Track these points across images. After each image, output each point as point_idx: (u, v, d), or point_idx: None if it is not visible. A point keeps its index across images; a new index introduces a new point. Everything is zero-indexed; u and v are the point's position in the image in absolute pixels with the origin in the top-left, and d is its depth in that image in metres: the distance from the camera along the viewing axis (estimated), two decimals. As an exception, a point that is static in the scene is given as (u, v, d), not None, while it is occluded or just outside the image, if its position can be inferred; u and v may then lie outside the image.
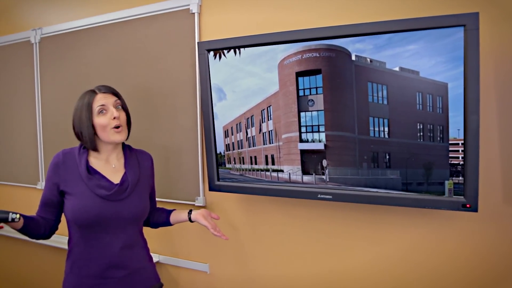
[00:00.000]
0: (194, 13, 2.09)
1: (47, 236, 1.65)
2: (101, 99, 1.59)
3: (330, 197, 1.70)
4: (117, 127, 1.59)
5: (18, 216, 1.45)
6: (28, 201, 2.78)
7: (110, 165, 1.66)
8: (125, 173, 1.65)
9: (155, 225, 1.87)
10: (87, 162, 1.60)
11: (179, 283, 2.34)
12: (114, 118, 1.57)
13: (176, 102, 2.18)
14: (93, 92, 1.61)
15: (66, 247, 1.67)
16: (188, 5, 2.10)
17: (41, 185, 2.74)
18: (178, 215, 1.81)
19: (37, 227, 1.57)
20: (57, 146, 2.62)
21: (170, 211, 1.83)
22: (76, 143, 1.67)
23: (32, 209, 1.65)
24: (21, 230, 1.52)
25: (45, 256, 2.85)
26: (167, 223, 1.83)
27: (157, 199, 1.89)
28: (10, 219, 1.42)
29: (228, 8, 2.03)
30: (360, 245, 1.84)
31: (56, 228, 1.67)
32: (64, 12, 2.61)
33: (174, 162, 2.22)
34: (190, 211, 1.78)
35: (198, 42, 1.95)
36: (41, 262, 2.91)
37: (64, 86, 2.59)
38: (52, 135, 2.68)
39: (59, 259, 1.71)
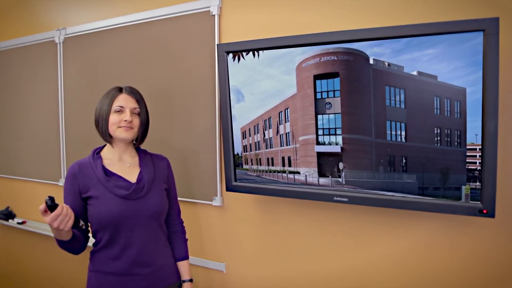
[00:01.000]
0: (214, 15, 2.11)
1: (85, 247, 1.67)
2: (121, 100, 1.64)
3: (346, 199, 1.71)
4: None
5: (84, 224, 1.52)
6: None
7: (124, 164, 1.70)
8: (140, 171, 1.69)
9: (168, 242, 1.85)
10: (103, 166, 1.65)
11: (195, 282, 2.37)
12: (126, 120, 1.62)
13: (195, 103, 2.21)
14: (119, 90, 1.66)
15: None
16: (209, 7, 2.12)
17: (63, 182, 2.79)
18: (181, 268, 1.82)
19: (78, 240, 1.60)
20: (79, 143, 2.68)
21: (185, 257, 1.84)
22: (97, 141, 1.72)
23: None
24: (66, 243, 1.54)
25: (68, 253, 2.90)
26: (177, 259, 1.83)
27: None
28: (80, 224, 1.48)
29: (248, 10, 2.05)
30: (376, 248, 1.84)
31: (88, 237, 1.69)
32: (88, 13, 2.67)
33: (192, 162, 2.25)
34: (190, 280, 1.82)
35: (217, 44, 1.97)
36: (64, 259, 2.97)
37: (87, 85, 2.65)
38: (74, 133, 2.74)
39: (82, 256, 1.74)
